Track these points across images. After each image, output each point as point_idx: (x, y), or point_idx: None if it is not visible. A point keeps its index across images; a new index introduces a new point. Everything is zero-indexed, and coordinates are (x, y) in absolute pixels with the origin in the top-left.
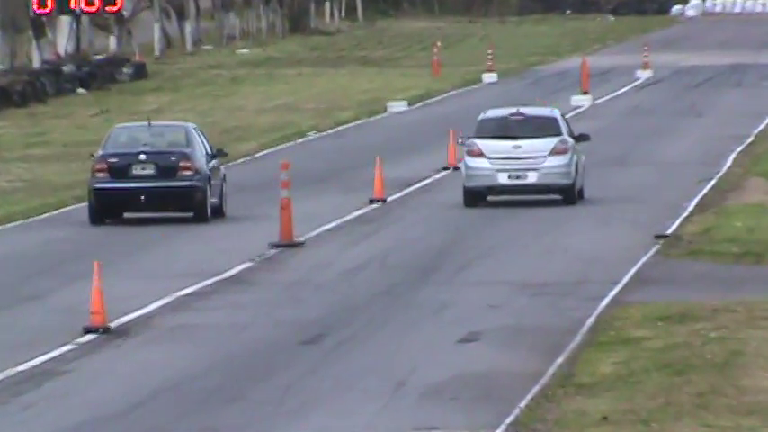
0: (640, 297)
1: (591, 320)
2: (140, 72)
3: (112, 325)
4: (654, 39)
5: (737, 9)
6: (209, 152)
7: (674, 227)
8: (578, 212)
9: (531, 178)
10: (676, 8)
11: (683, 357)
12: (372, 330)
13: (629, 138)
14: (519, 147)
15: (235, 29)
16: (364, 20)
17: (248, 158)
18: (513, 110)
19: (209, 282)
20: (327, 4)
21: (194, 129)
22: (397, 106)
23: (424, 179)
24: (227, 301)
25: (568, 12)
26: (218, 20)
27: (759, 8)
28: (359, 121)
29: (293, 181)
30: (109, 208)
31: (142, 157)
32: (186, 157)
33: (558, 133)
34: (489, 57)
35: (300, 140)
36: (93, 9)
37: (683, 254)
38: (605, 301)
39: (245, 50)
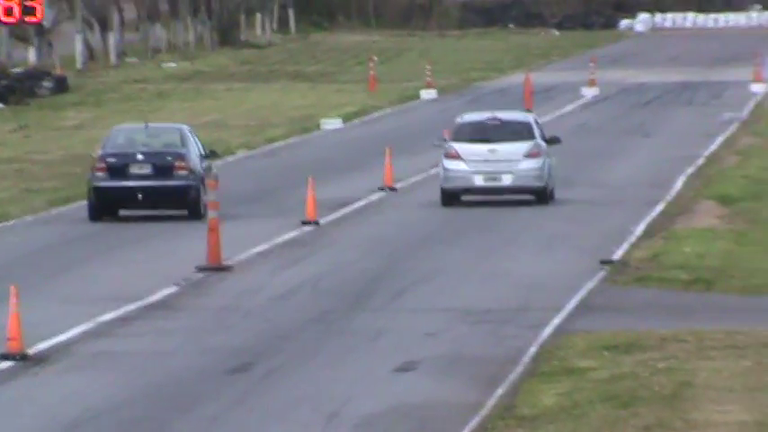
0: (585, 325)
1: (533, 349)
2: (61, 86)
3: (30, 351)
4: (601, 54)
5: (688, 24)
6: (203, 153)
7: (620, 252)
8: (521, 236)
9: (506, 180)
10: (624, 23)
11: (629, 389)
12: (304, 359)
13: (575, 158)
14: (494, 150)
15: (161, 41)
16: (297, 33)
17: None
18: (490, 114)
19: (132, 307)
20: (258, 16)
21: (188, 130)
22: (331, 123)
23: (360, 200)
24: (151, 327)
25: (511, 26)
26: (143, 32)
27: (711, 23)
28: (291, 139)
29: (222, 201)
30: (108, 205)
31: (140, 157)
32: (181, 157)
33: (532, 137)
34: (428, 72)
35: (230, 159)
36: (11, 20)
37: (629, 280)
38: (548, 330)
39: (171, 64)
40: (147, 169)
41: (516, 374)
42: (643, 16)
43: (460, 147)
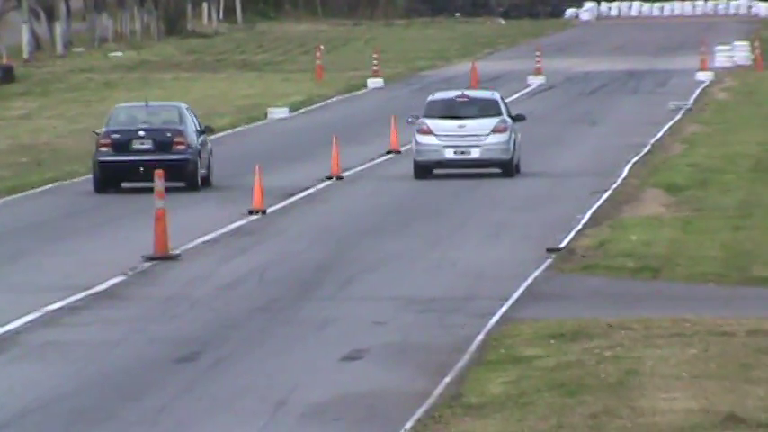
0: (532, 313)
1: (480, 338)
2: (8, 75)
3: None
4: (547, 43)
5: (634, 13)
6: (199, 129)
7: (567, 240)
8: (468, 225)
9: (475, 154)
10: (570, 11)
11: (576, 377)
12: (251, 348)
13: (521, 147)
14: (463, 126)
15: (107, 31)
16: (244, 22)
17: None
18: (459, 92)
19: (79, 296)
20: (205, 6)
21: (186, 108)
22: (278, 112)
23: (307, 189)
24: (98, 316)
25: (458, 15)
26: (89, 21)
27: (656, 12)
28: (238, 128)
29: (169, 190)
30: (112, 178)
31: (141, 133)
32: (180, 133)
33: (499, 114)
34: (375, 61)
35: None
36: None
37: (576, 268)
38: (495, 318)
39: (118, 53)
40: (147, 144)
41: (463, 363)
42: (589, 5)
43: (432, 122)
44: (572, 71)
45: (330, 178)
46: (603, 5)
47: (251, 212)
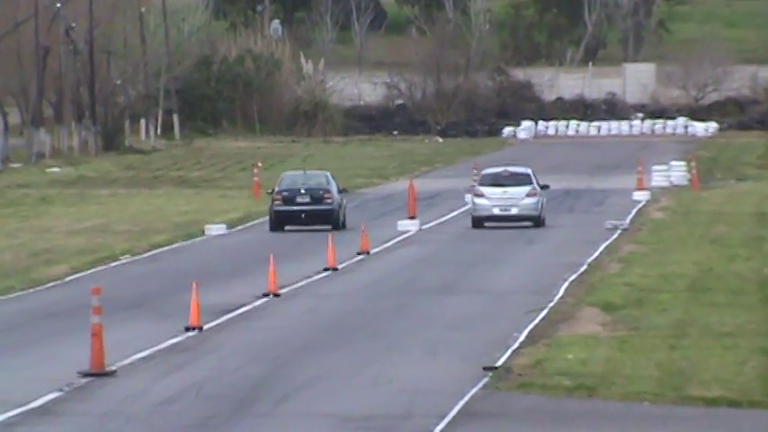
0: None
1: None
2: None
3: None
4: (484, 161)
5: (571, 132)
6: (339, 189)
7: (503, 358)
8: (405, 342)
9: (514, 210)
10: (507, 130)
11: None
12: None
13: (458, 264)
14: (506, 191)
15: (45, 146)
16: (181, 138)
17: (58, 282)
18: (503, 168)
19: (14, 412)
20: (143, 122)
21: (330, 175)
22: (216, 229)
23: (244, 306)
24: None
25: (396, 132)
26: (27, 136)
27: (593, 131)
28: (175, 245)
29: (105, 307)
30: (282, 222)
31: (302, 191)
32: (328, 191)
33: (531, 183)
34: None
35: (113, 264)
36: None
37: (512, 387)
38: None
39: (55, 169)
40: (307, 198)
41: None
42: (526, 124)
43: (484, 189)
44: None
45: (267, 295)
46: (541, 124)
47: (187, 329)
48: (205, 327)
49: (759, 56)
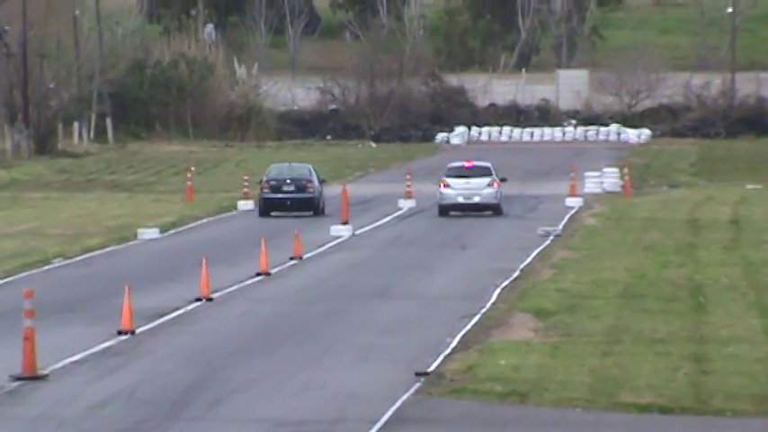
0: None
1: None
2: None
3: None
4: (417, 167)
5: (504, 138)
6: (319, 179)
7: (435, 364)
8: (337, 347)
9: (476, 199)
10: (441, 136)
11: None
12: None
13: (391, 270)
14: (469, 182)
15: None
16: (115, 142)
17: None
18: (466, 162)
19: None
20: (76, 125)
21: (312, 167)
22: (149, 233)
23: (177, 310)
24: None
25: (329, 137)
26: None
27: (526, 137)
28: (108, 249)
29: (38, 310)
30: (269, 208)
31: (288, 180)
32: (310, 181)
33: (491, 174)
34: (246, 183)
35: (45, 267)
36: None
37: (445, 392)
38: None
39: None
40: (292, 187)
41: None
42: (459, 129)
43: (449, 180)
44: None
45: (200, 299)
46: (474, 130)
47: (120, 333)
48: (138, 330)
49: (692, 63)
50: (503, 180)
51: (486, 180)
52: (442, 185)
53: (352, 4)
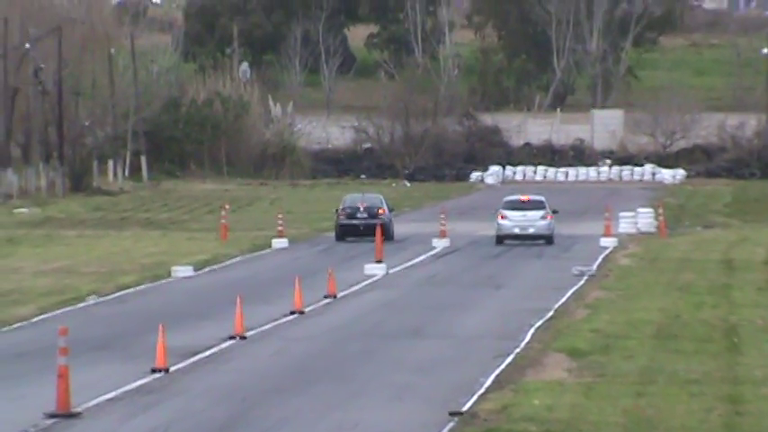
0: None
1: None
2: None
3: None
4: (451, 206)
5: (538, 177)
6: (390, 208)
7: (469, 404)
8: (371, 387)
9: (531, 230)
10: (475, 175)
11: None
12: None
13: (425, 309)
14: (525, 214)
15: (12, 187)
16: (149, 180)
17: (25, 323)
18: (521, 196)
19: None
20: (110, 163)
21: (383, 197)
22: (183, 271)
23: (210, 348)
24: None
25: (363, 176)
26: None
27: (561, 177)
28: (142, 286)
29: (72, 348)
30: (345, 233)
31: (361, 208)
32: (382, 208)
33: (544, 208)
34: (279, 221)
35: (80, 305)
36: None
37: None
38: None
39: (23, 210)
40: (365, 215)
41: None
42: (493, 169)
43: (506, 212)
44: (477, 234)
45: (234, 338)
46: (508, 169)
47: (154, 371)
48: (171, 369)
49: (727, 104)
50: (554, 212)
51: (541, 213)
52: (499, 217)
53: (387, 43)
